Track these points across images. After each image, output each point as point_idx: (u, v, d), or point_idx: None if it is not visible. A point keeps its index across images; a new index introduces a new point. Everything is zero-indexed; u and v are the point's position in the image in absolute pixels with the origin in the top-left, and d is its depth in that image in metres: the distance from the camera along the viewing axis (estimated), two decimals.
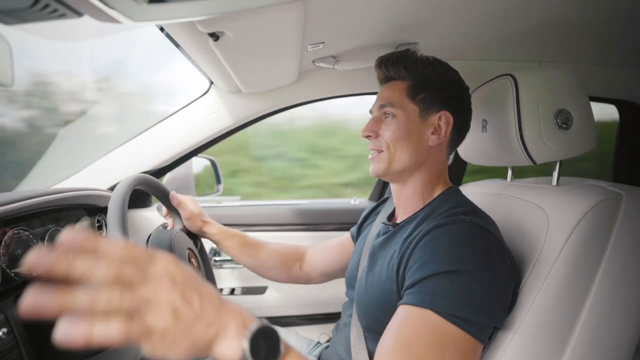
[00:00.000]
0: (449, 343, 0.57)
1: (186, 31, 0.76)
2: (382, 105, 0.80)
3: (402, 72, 0.80)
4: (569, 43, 1.12)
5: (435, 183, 0.81)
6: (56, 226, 0.91)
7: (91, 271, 0.34)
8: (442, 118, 0.77)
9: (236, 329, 0.42)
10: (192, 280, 0.41)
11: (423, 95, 0.78)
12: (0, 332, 0.62)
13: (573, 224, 0.68)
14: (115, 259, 0.36)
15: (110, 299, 0.34)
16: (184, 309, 0.38)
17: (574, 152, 0.81)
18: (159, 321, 0.36)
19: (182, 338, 0.38)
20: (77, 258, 0.35)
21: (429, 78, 0.78)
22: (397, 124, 0.77)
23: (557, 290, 0.67)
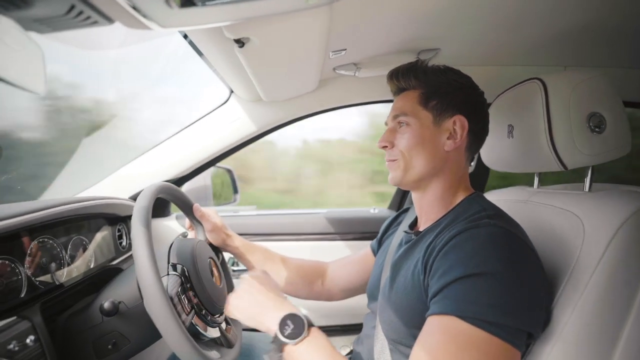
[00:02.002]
0: (479, 350, 0.55)
1: (211, 38, 0.77)
2: (395, 115, 0.81)
3: (413, 82, 0.80)
4: (596, 46, 1.10)
5: (456, 189, 0.79)
6: (78, 235, 0.91)
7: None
8: (457, 122, 0.77)
9: (274, 315, 0.67)
10: (257, 285, 0.76)
11: (435, 101, 0.78)
12: (28, 339, 0.61)
13: (612, 231, 0.65)
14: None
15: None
16: (244, 300, 0.75)
17: (608, 157, 0.78)
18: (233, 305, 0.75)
19: (244, 313, 0.74)
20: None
21: (440, 84, 0.78)
22: (412, 132, 0.78)
23: (598, 300, 0.63)
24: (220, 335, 0.82)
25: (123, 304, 0.73)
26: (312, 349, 0.64)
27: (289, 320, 0.65)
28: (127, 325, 0.73)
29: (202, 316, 0.76)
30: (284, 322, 0.65)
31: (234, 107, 1.29)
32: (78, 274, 0.88)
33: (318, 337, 0.65)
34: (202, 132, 1.30)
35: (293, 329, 0.64)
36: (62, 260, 0.83)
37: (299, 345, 0.63)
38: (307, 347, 0.64)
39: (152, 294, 0.62)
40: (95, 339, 0.72)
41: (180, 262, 0.78)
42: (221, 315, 0.85)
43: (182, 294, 0.73)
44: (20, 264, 0.70)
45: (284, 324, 0.65)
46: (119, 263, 1.06)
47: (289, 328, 0.64)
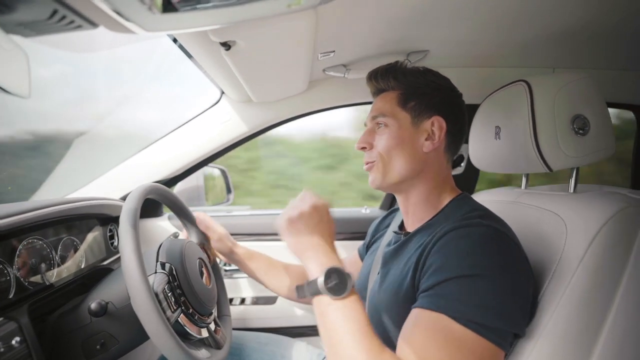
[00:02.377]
0: (466, 349, 0.55)
1: (198, 41, 0.77)
2: (374, 116, 0.81)
3: (392, 83, 0.81)
4: (584, 49, 1.11)
5: (441, 190, 0.80)
6: (69, 235, 0.91)
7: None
8: (435, 123, 0.77)
9: (323, 259, 0.63)
10: (319, 216, 0.67)
11: (414, 102, 0.78)
12: (13, 340, 0.61)
13: (593, 232, 0.66)
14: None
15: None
16: (301, 223, 0.66)
17: (592, 159, 0.79)
18: (288, 220, 0.67)
19: (294, 234, 0.66)
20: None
21: (419, 86, 0.79)
22: (390, 133, 0.78)
23: (579, 299, 0.64)
24: (208, 335, 0.83)
25: (112, 304, 0.74)
26: (347, 312, 0.59)
27: (335, 273, 0.60)
28: (115, 326, 0.74)
29: (189, 315, 0.77)
30: (330, 273, 0.60)
31: (225, 107, 1.29)
32: (69, 274, 0.88)
33: (356, 302, 0.60)
34: (193, 133, 1.30)
35: (337, 284, 0.59)
36: (52, 261, 0.83)
37: (337, 302, 0.59)
38: (343, 308, 0.59)
39: (137, 290, 0.63)
40: (84, 339, 0.73)
41: (168, 261, 0.78)
42: (210, 316, 0.85)
43: (169, 291, 0.74)
44: (9, 265, 0.71)
45: (330, 275, 0.60)
46: (110, 263, 1.06)
47: (333, 281, 0.59)
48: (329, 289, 0.59)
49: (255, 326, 1.33)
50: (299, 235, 0.66)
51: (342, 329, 0.57)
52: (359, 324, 0.58)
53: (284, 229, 0.67)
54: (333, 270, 0.60)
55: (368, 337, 0.57)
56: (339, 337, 0.57)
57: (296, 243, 0.66)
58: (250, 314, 1.34)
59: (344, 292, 0.59)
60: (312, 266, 0.63)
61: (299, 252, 0.66)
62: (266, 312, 1.36)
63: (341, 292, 0.59)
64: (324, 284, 0.59)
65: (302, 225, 0.66)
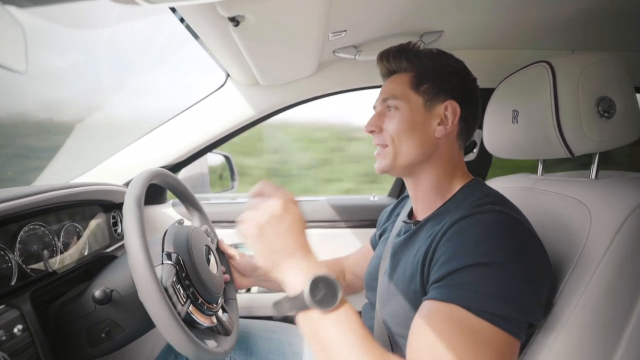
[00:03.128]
0: (482, 340, 0.53)
1: (206, 18, 0.73)
2: (385, 98, 0.78)
3: (404, 64, 0.77)
4: (607, 29, 1.06)
5: (452, 176, 0.77)
6: (72, 222, 0.89)
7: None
8: (449, 108, 0.74)
9: (304, 267, 0.55)
10: (290, 216, 0.57)
11: (427, 85, 0.75)
12: (16, 328, 0.60)
13: (620, 220, 0.63)
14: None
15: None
16: (271, 228, 0.56)
17: (615, 143, 0.75)
18: (256, 226, 0.56)
19: (265, 243, 0.56)
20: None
21: (433, 68, 0.76)
22: (401, 116, 0.75)
23: (605, 290, 0.62)
24: (217, 323, 0.81)
25: (116, 292, 0.72)
26: (342, 324, 0.52)
27: (322, 282, 0.52)
28: (120, 314, 0.72)
29: (198, 305, 0.75)
30: (317, 284, 0.52)
31: (230, 91, 1.26)
32: (71, 261, 0.86)
33: (349, 311, 0.54)
34: (198, 117, 1.27)
35: (325, 295, 0.52)
36: (54, 248, 0.81)
37: (329, 316, 0.52)
38: (338, 322, 0.52)
39: (145, 285, 0.60)
40: (89, 327, 0.71)
41: (175, 251, 0.76)
42: (217, 303, 0.84)
43: (177, 283, 0.71)
44: (10, 251, 0.69)
45: (317, 286, 0.52)
46: (113, 250, 1.04)
47: (321, 293, 0.52)
48: (318, 303, 0.51)
49: (262, 314, 1.32)
50: (271, 244, 0.56)
51: (341, 345, 0.52)
52: (358, 335, 0.52)
53: (253, 238, 0.56)
54: (319, 280, 0.52)
55: (370, 347, 0.52)
56: (339, 353, 0.52)
57: (270, 254, 0.56)
58: (257, 302, 1.33)
59: (335, 302, 0.52)
60: (293, 278, 0.55)
61: (273, 264, 0.56)
62: (273, 300, 1.35)
63: (332, 304, 0.52)
64: (310, 298, 0.51)
65: (272, 231, 0.56)
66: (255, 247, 0.57)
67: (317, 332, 0.53)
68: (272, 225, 0.56)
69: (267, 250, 0.56)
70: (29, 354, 0.61)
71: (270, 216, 0.56)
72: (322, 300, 0.52)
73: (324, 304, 0.52)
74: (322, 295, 0.52)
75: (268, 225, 0.56)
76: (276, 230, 0.56)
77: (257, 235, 0.56)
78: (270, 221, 0.56)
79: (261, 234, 0.56)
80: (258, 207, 0.58)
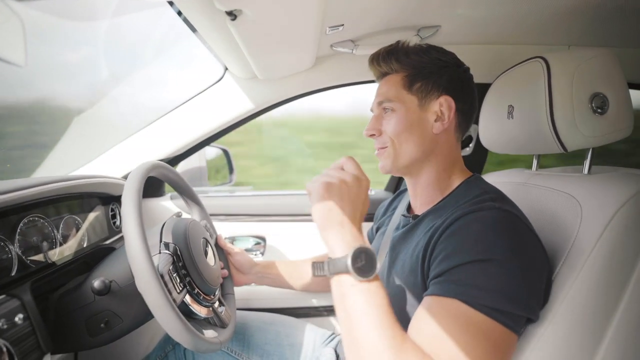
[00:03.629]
0: (480, 334, 0.54)
1: (204, 11, 0.73)
2: (380, 101, 0.79)
3: (395, 65, 0.78)
4: (603, 25, 1.06)
5: (451, 172, 0.78)
6: (71, 214, 0.90)
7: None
8: (443, 103, 0.75)
9: (348, 238, 0.57)
10: (357, 192, 0.61)
11: (420, 84, 0.76)
12: (17, 317, 0.61)
13: (610, 213, 0.64)
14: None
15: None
16: (338, 191, 0.60)
17: (608, 139, 0.76)
18: (326, 184, 0.60)
19: (326, 203, 0.59)
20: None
21: (424, 65, 0.76)
22: (397, 118, 0.76)
23: (593, 282, 0.63)
24: (214, 314, 0.82)
25: (115, 283, 0.73)
26: (371, 296, 0.55)
27: (364, 253, 0.55)
28: (119, 304, 0.73)
29: (194, 295, 0.76)
30: (359, 253, 0.55)
31: (228, 84, 1.26)
32: (70, 253, 0.87)
33: (380, 287, 0.56)
34: (195, 111, 1.27)
35: (364, 265, 0.55)
36: (54, 239, 0.82)
37: (361, 284, 0.55)
38: (367, 292, 0.55)
39: (142, 272, 0.61)
40: (88, 317, 0.72)
41: (172, 241, 0.77)
42: (214, 295, 0.85)
43: (174, 272, 0.73)
44: (10, 243, 0.69)
45: (359, 255, 0.55)
46: (112, 243, 1.05)
47: (361, 262, 0.55)
48: (357, 270, 0.54)
49: (259, 306, 1.33)
50: (332, 206, 0.59)
51: (364, 314, 0.54)
52: (382, 310, 0.54)
53: (318, 194, 0.60)
54: (362, 250, 0.55)
55: (391, 325, 0.54)
56: (360, 321, 0.54)
57: (326, 213, 0.59)
58: (255, 294, 1.34)
59: (372, 274, 0.55)
60: (336, 243, 0.58)
61: (325, 223, 0.59)
62: (270, 292, 1.36)
63: (368, 274, 0.55)
64: (351, 264, 0.54)
65: (338, 196, 0.60)
66: (315, 203, 0.60)
67: (346, 298, 0.56)
68: (341, 191, 0.60)
69: (326, 209, 0.59)
70: (30, 343, 0.62)
71: (341, 181, 0.61)
72: (361, 269, 0.55)
73: (362, 272, 0.55)
74: (362, 264, 0.55)
75: (338, 190, 0.60)
76: (341, 195, 0.60)
77: (323, 192, 0.60)
78: (340, 186, 0.60)
79: (327, 192, 0.59)
80: (334, 172, 0.62)
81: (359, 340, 0.53)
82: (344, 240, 0.57)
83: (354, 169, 0.63)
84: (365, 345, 0.53)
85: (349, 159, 0.65)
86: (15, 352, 0.58)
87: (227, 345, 1.03)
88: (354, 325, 0.54)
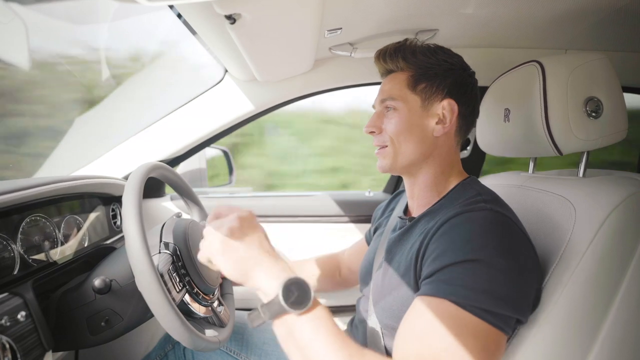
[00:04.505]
0: (469, 334, 0.55)
1: (203, 15, 0.75)
2: (383, 99, 0.79)
3: (401, 63, 0.78)
4: (600, 29, 1.07)
5: (449, 174, 0.78)
6: (72, 214, 0.91)
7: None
8: (446, 107, 0.75)
9: (274, 272, 0.56)
10: (249, 226, 0.61)
11: (424, 85, 0.76)
12: (19, 315, 0.62)
13: (603, 216, 0.65)
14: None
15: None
16: (233, 240, 0.58)
17: (603, 143, 0.77)
18: (219, 242, 0.58)
19: (231, 256, 0.58)
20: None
21: (430, 66, 0.76)
22: (399, 117, 0.76)
23: (585, 285, 0.64)
24: (212, 314, 0.83)
25: (115, 282, 0.74)
26: (317, 324, 0.54)
27: (294, 285, 0.54)
28: (119, 303, 0.74)
29: (193, 295, 0.77)
30: (289, 287, 0.54)
31: (228, 86, 1.27)
32: (71, 252, 0.88)
33: (322, 310, 0.55)
34: (196, 112, 1.29)
35: (297, 297, 0.53)
36: (55, 239, 0.83)
37: (303, 317, 0.54)
38: (312, 321, 0.54)
39: (142, 271, 0.62)
40: (89, 316, 0.73)
41: (172, 241, 0.78)
42: (214, 294, 0.86)
43: (173, 272, 0.74)
44: (13, 242, 0.71)
45: (289, 289, 0.54)
46: (112, 242, 1.06)
47: (293, 295, 0.53)
48: (292, 305, 0.53)
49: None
50: (238, 255, 0.58)
51: (317, 343, 0.53)
52: (332, 332, 0.54)
53: (219, 253, 0.59)
54: (291, 282, 0.54)
55: (345, 344, 0.53)
56: (315, 352, 0.53)
57: (239, 265, 0.58)
58: (254, 294, 1.34)
59: (308, 302, 0.54)
60: (265, 284, 0.56)
61: (244, 274, 0.58)
62: None
63: (306, 304, 0.54)
64: (284, 302, 0.53)
65: (236, 243, 0.58)
66: (223, 262, 0.58)
67: (293, 334, 0.55)
68: (235, 237, 0.58)
69: (235, 261, 0.58)
70: (32, 340, 0.63)
71: (230, 230, 0.59)
72: (296, 302, 0.53)
73: (298, 305, 0.53)
74: (295, 297, 0.53)
75: (230, 239, 0.58)
76: (239, 242, 0.58)
77: (222, 250, 0.58)
78: (232, 234, 0.59)
79: (226, 248, 0.58)
80: (217, 227, 0.60)
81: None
82: (270, 277, 0.56)
83: (229, 210, 0.63)
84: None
85: (219, 208, 0.65)
86: (18, 348, 0.59)
87: (226, 344, 1.03)
88: (309, 357, 0.54)
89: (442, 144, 0.77)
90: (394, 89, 0.77)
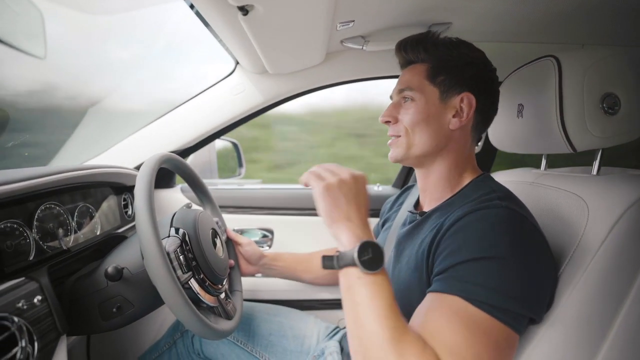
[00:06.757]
0: (481, 332, 0.54)
1: (216, 6, 0.75)
2: (401, 89, 0.78)
3: (422, 55, 0.77)
4: (615, 23, 1.05)
5: (462, 169, 0.78)
6: (85, 203, 0.93)
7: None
8: (464, 100, 0.75)
9: (357, 231, 0.59)
10: (357, 189, 0.64)
11: (443, 77, 0.75)
12: (35, 299, 0.63)
13: (617, 215, 0.64)
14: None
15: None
16: (339, 191, 0.62)
17: (619, 140, 0.76)
18: (325, 186, 0.62)
19: (330, 202, 0.61)
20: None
21: (450, 59, 0.76)
22: (416, 108, 0.76)
23: (597, 283, 0.63)
24: (218, 305, 0.85)
25: (127, 270, 0.75)
26: (375, 289, 0.56)
27: (370, 247, 0.57)
28: (131, 291, 0.75)
29: (200, 281, 0.78)
30: (366, 247, 0.57)
31: (239, 78, 1.27)
32: (84, 240, 0.90)
33: (384, 281, 0.58)
34: (207, 104, 1.29)
35: (371, 259, 0.56)
36: (69, 227, 0.85)
37: (367, 277, 0.57)
38: (372, 285, 0.56)
39: (150, 250, 0.64)
40: (101, 302, 0.75)
41: (182, 227, 0.80)
42: (221, 285, 0.87)
43: (180, 253, 0.75)
44: (29, 228, 0.72)
45: (365, 248, 0.57)
46: (124, 231, 1.08)
47: (367, 255, 0.56)
48: (363, 263, 0.56)
49: (265, 298, 1.35)
50: (336, 204, 0.62)
51: (368, 305, 0.55)
52: (386, 302, 0.56)
53: (321, 193, 0.62)
54: (369, 244, 0.57)
55: (394, 317, 0.55)
56: (364, 312, 0.55)
57: (331, 210, 0.62)
58: (261, 286, 1.37)
59: (378, 268, 0.57)
60: (345, 237, 0.60)
61: (332, 220, 0.61)
62: (277, 284, 1.38)
63: (374, 268, 0.57)
64: (357, 257, 0.56)
65: (340, 194, 0.62)
66: (320, 200, 0.63)
67: (352, 289, 0.58)
68: (342, 189, 0.63)
69: (331, 205, 0.62)
70: (47, 323, 0.65)
71: (340, 181, 0.63)
72: (367, 262, 0.57)
73: (368, 265, 0.56)
74: (368, 258, 0.57)
75: (338, 188, 0.62)
76: (344, 194, 0.62)
77: (326, 191, 0.62)
78: (341, 185, 0.63)
79: (330, 192, 0.62)
80: (332, 173, 0.65)
81: (362, 330, 0.55)
82: (351, 234, 0.59)
83: (346, 169, 0.66)
84: (367, 335, 0.54)
85: (326, 165, 0.68)
86: (34, 331, 0.60)
87: (233, 334, 1.05)
88: (358, 316, 0.56)
89: (457, 137, 0.76)
90: (413, 80, 0.77)
